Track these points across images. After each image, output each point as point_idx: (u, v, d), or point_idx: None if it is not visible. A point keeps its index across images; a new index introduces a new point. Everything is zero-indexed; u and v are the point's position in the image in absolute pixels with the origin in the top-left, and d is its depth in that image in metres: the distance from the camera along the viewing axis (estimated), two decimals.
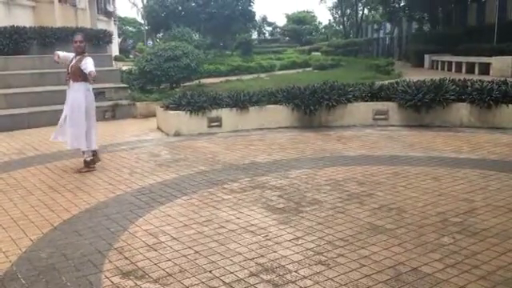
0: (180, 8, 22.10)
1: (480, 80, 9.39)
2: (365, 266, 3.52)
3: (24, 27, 12.39)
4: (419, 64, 23.24)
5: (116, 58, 23.99)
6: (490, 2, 22.01)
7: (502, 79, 9.36)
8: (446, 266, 3.47)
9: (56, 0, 16.96)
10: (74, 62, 6.45)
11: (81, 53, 6.46)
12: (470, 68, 17.81)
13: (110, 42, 13.86)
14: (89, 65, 6.23)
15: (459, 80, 9.55)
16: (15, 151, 7.76)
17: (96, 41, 13.29)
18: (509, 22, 20.38)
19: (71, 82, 6.43)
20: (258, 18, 53.48)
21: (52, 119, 10.25)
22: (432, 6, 27.08)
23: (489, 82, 9.06)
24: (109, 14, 31.51)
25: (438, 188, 5.31)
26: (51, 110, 10.59)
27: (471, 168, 6.08)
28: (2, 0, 14.18)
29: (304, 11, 58.23)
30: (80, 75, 6.36)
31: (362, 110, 9.35)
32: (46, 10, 16.50)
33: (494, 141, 7.63)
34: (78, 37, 6.59)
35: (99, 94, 11.53)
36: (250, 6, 23.59)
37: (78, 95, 6.38)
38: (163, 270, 3.50)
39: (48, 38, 12.52)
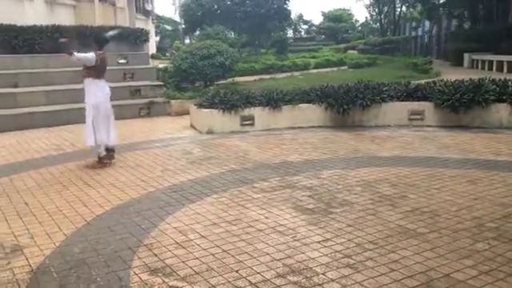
0: (216, 7, 22.21)
1: None
2: (394, 270, 3.45)
3: (64, 26, 12.75)
4: (458, 63, 22.60)
5: (153, 56, 24.37)
6: None
7: None
8: (480, 273, 3.36)
9: None
10: None
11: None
12: None
13: (146, 40, 14.07)
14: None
15: (499, 80, 9.22)
16: (54, 147, 8.00)
17: (133, 39, 13.54)
18: None
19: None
20: (293, 16, 53.24)
21: None
22: (473, 2, 26.29)
23: None
24: (147, 13, 32.08)
25: (474, 191, 5.15)
26: None
27: (510, 171, 5.87)
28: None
29: (341, 9, 57.51)
30: (87, 72, 6.62)
31: (397, 109, 9.16)
32: (86, 9, 16.95)
33: None
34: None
35: (135, 92, 11.82)
36: (286, 4, 23.45)
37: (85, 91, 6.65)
38: (191, 268, 3.53)
39: (87, 37, 12.81)
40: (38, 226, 4.38)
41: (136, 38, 13.68)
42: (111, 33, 7.51)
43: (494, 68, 18.55)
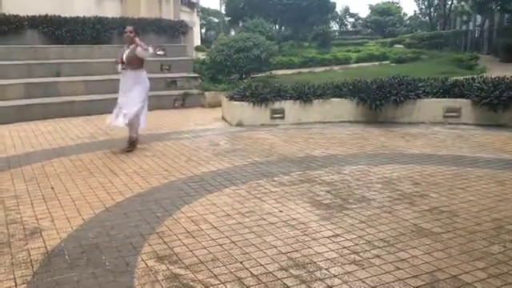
0: None
1: None
2: (400, 269, 3.38)
3: (106, 18, 13.12)
4: (508, 59, 21.63)
5: (197, 48, 24.65)
6: None
7: None
8: (489, 276, 3.25)
9: None
10: (127, 51, 6.86)
11: (131, 42, 6.96)
12: None
13: (185, 32, 14.28)
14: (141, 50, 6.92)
15: None
16: (88, 135, 8.29)
17: (172, 31, 13.77)
18: None
19: (129, 70, 6.94)
20: (339, 9, 52.55)
21: None
22: None
23: None
24: (192, 5, 32.42)
25: (500, 193, 4.95)
26: None
27: None
28: None
29: (389, 2, 56.17)
30: (141, 63, 6.89)
31: (432, 106, 8.91)
32: (132, 2, 17.32)
33: None
34: (129, 28, 7.08)
35: (172, 83, 12.02)
36: None
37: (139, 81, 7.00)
38: (197, 257, 3.59)
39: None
40: (60, 211, 4.57)
41: (175, 30, 13.90)
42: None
43: None
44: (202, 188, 5.27)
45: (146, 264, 3.49)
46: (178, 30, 14.06)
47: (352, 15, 58.74)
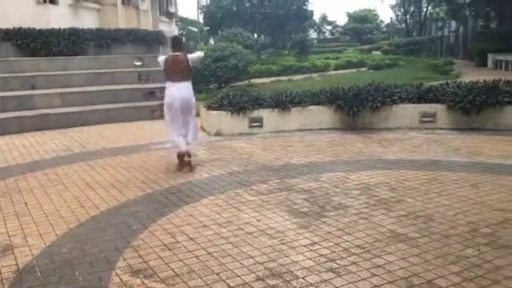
0: (235, 8, 22.31)
1: None
2: (376, 275, 3.39)
3: (82, 29, 13.01)
4: (482, 64, 22.08)
5: None
6: None
7: None
8: (464, 280, 3.27)
9: (119, 2, 17.72)
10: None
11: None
12: None
13: (162, 42, 14.21)
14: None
15: None
16: (63, 148, 8.16)
17: (149, 42, 13.71)
18: None
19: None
20: (317, 17, 53.06)
21: (105, 118, 10.77)
22: (499, 2, 25.62)
23: None
24: (170, 15, 32.35)
25: (475, 196, 5.02)
26: (104, 108, 11.09)
27: None
28: (70, 3, 14.95)
29: (366, 9, 56.98)
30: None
31: (408, 112, 9.01)
32: (109, 13, 17.25)
33: None
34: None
35: (150, 94, 11.94)
36: (305, 5, 23.43)
37: None
38: (172, 270, 3.55)
39: (104, 39, 13.07)
40: (33, 226, 4.48)
41: (152, 40, 13.85)
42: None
43: None
44: (179, 199, 5.22)
45: (121, 279, 3.43)
46: (155, 40, 14.01)
47: (329, 23, 59.40)
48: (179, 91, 6.45)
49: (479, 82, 9.04)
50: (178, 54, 6.55)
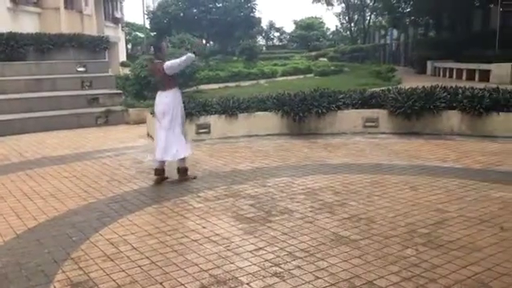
0: (182, 14, 22.16)
1: (471, 87, 9.25)
2: (319, 278, 3.44)
3: (21, 34, 12.50)
4: (422, 70, 23.09)
5: (123, 64, 24.10)
6: (494, 9, 21.80)
7: (494, 86, 9.21)
8: (402, 280, 3.38)
9: (62, 7, 17.16)
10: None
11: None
12: (471, 75, 17.64)
13: (107, 48, 13.90)
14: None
15: (451, 87, 9.42)
16: (0, 157, 7.79)
17: (93, 47, 13.36)
18: (511, 29, 20.17)
19: None
20: (265, 24, 53.60)
21: (46, 125, 10.38)
22: (437, 11, 26.89)
23: (480, 90, 8.92)
24: (116, 21, 31.69)
25: (414, 198, 5.21)
26: (46, 115, 10.70)
27: (452, 177, 5.96)
28: (8, 6, 14.35)
29: (312, 17, 58.22)
30: None
31: (352, 117, 9.26)
32: (51, 17, 16.69)
33: (481, 149, 7.50)
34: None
35: (94, 100, 11.65)
36: (253, 12, 23.62)
37: None
38: (114, 281, 3.45)
39: (45, 45, 12.62)
40: None
41: (96, 45, 13.51)
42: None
43: (455, 75, 18.97)
44: (123, 208, 5.10)
45: None
46: (99, 45, 13.67)
47: (277, 29, 60.23)
48: (161, 100, 6.19)
49: (418, 88, 9.42)
50: (156, 62, 6.28)
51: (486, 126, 8.48)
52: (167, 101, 6.11)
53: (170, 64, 5.98)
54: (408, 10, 31.62)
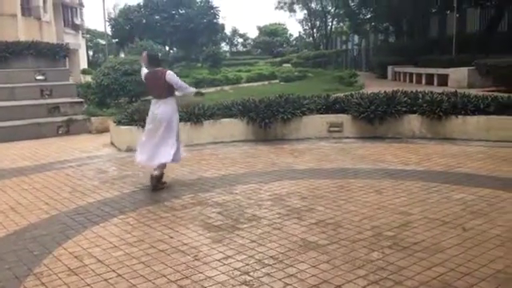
0: (144, 21, 21.94)
1: (431, 92, 9.52)
2: (289, 284, 3.45)
3: None
4: (383, 75, 23.59)
5: (84, 71, 23.63)
6: (451, 15, 22.55)
7: (453, 91, 9.52)
8: (369, 283, 3.42)
9: (19, 13, 16.65)
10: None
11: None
12: (430, 79, 18.15)
13: (66, 55, 13.57)
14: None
15: (411, 92, 9.67)
16: None
17: (52, 55, 13.02)
18: (467, 34, 20.92)
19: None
20: (229, 30, 53.67)
21: (4, 136, 10.03)
22: (397, 18, 27.58)
23: (439, 94, 9.20)
24: (76, 27, 31.07)
25: (378, 201, 5.30)
26: (3, 126, 10.36)
27: (415, 180, 6.10)
28: None
29: (275, 23, 58.66)
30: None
31: (316, 122, 9.36)
32: (8, 24, 16.11)
33: (441, 152, 7.72)
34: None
35: (54, 109, 11.34)
36: (216, 19, 23.63)
37: None
38: None
39: (1, 53, 12.20)
40: None
41: (55, 53, 13.16)
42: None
43: (414, 80, 19.47)
44: (88, 220, 4.98)
45: None
46: (59, 53, 13.33)
47: (241, 35, 60.37)
48: (158, 108, 6.13)
49: (380, 92, 9.62)
50: (157, 69, 6.22)
51: (445, 129, 8.73)
52: (166, 109, 6.13)
53: (173, 75, 6.11)
54: (368, 16, 32.32)
